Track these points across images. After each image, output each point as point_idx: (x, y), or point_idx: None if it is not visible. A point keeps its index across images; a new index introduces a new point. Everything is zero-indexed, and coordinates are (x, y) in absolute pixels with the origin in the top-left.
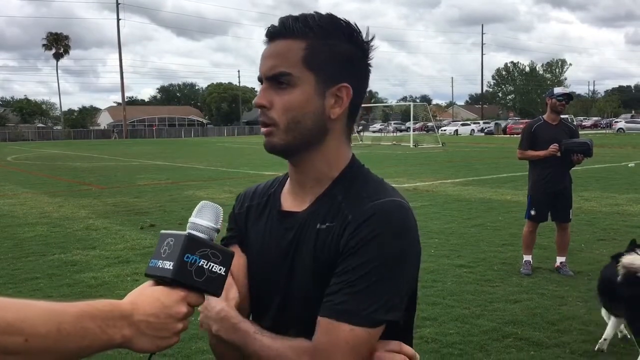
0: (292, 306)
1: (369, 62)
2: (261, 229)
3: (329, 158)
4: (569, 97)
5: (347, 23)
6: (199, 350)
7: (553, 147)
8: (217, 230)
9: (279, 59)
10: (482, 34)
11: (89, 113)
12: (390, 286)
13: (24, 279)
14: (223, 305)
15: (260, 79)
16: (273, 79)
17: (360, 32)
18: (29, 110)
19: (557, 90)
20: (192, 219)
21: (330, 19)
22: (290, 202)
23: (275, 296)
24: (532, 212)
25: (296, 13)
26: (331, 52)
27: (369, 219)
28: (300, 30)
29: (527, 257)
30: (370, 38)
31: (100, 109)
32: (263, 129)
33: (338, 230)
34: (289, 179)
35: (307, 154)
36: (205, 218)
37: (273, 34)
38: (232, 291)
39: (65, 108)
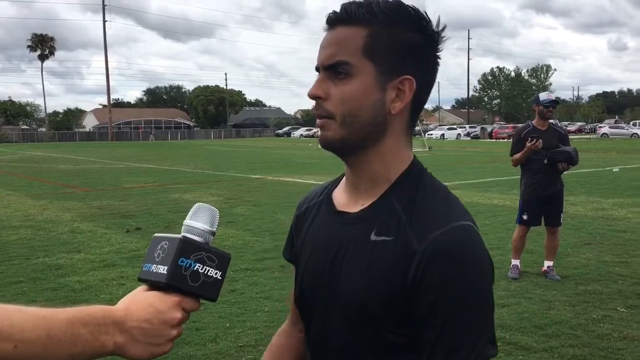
0: (335, 311)
1: (437, 53)
2: (315, 229)
3: (386, 158)
4: (555, 102)
5: (415, 10)
6: (185, 355)
7: (529, 143)
8: (213, 233)
9: (337, 47)
10: (469, 39)
11: (74, 115)
12: (483, 322)
13: (7, 282)
14: None
15: (317, 69)
16: (331, 69)
17: (429, 20)
18: (13, 112)
19: (543, 96)
20: (186, 222)
21: (397, 5)
22: (344, 201)
23: (320, 299)
24: (524, 217)
25: (283, 15)
26: (394, 41)
27: (442, 255)
28: (363, 17)
29: (516, 262)
30: (441, 28)
31: (86, 111)
32: (318, 122)
33: (398, 251)
34: (344, 177)
35: (363, 152)
36: (200, 220)
37: (334, 21)
38: None
39: (50, 110)
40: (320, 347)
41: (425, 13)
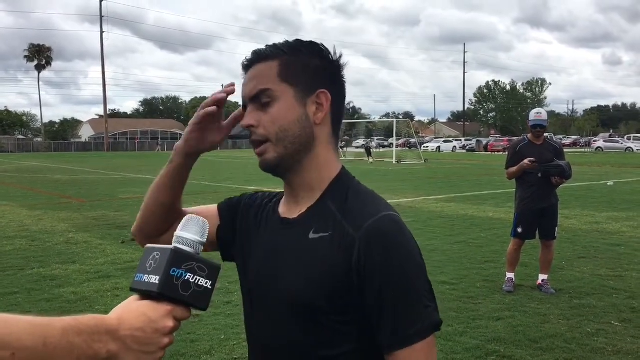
0: (279, 311)
1: (341, 72)
2: (262, 234)
3: (319, 166)
4: (539, 126)
5: (313, 42)
6: None
7: (526, 161)
8: (203, 244)
9: (257, 80)
10: (464, 52)
11: (70, 125)
12: (425, 291)
13: (1, 293)
14: None
15: (244, 105)
16: (255, 99)
17: (327, 49)
18: (9, 122)
19: (532, 116)
20: (177, 233)
21: (297, 40)
22: (286, 209)
23: (263, 300)
24: (519, 230)
25: (279, 28)
26: (303, 65)
27: (379, 238)
28: (272, 53)
29: (510, 275)
30: (338, 56)
31: (82, 122)
32: (257, 150)
33: (337, 242)
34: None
35: (299, 166)
36: (191, 231)
37: (248, 64)
38: None
39: (46, 120)
40: (263, 344)
41: (322, 44)
